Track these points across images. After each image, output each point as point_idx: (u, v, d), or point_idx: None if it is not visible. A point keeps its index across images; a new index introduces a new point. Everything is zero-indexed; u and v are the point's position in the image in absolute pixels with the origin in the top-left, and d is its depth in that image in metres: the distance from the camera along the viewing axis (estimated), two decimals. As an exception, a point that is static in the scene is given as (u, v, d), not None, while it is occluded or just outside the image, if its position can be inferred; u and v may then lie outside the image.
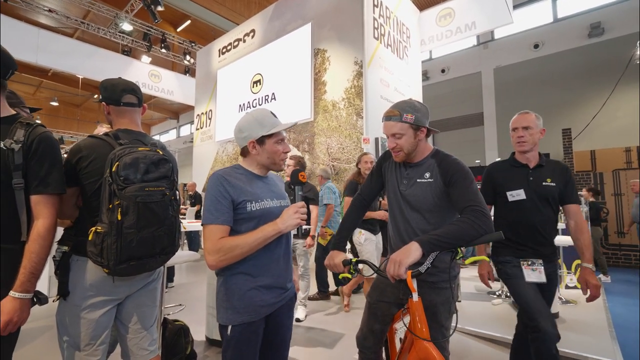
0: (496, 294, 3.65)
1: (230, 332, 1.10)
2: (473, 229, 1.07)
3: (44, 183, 1.06)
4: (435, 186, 1.27)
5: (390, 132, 1.29)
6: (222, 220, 1.08)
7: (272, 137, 1.20)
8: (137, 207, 1.10)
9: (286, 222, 1.12)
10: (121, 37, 10.26)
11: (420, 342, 1.10)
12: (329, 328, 2.94)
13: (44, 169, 1.06)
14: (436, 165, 1.29)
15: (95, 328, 1.18)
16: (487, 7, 6.06)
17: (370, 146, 5.06)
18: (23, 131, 1.04)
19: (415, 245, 1.06)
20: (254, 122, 1.20)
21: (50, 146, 1.09)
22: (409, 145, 1.28)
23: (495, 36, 9.74)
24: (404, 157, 1.32)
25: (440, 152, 1.33)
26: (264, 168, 1.25)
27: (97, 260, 1.09)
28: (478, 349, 2.50)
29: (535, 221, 1.68)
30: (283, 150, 1.22)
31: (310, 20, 6.00)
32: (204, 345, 2.56)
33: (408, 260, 1.04)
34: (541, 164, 1.74)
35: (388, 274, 1.08)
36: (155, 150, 1.23)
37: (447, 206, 1.27)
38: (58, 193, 1.10)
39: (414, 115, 1.26)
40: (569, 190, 1.69)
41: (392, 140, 1.29)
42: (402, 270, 1.04)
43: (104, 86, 1.31)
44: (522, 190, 1.70)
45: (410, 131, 1.27)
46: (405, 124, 1.26)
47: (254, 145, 1.19)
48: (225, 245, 1.05)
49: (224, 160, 7.78)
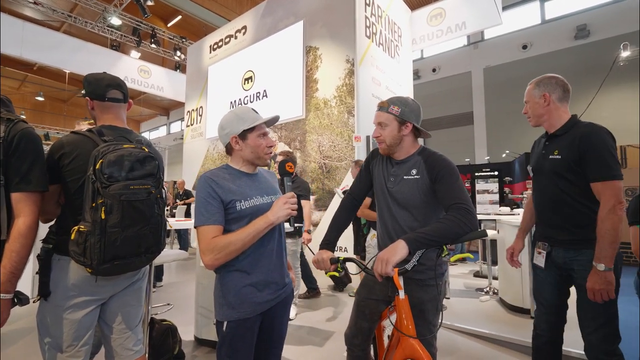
0: (484, 291, 3.71)
1: (226, 328, 1.12)
2: (459, 227, 1.09)
3: (26, 180, 1.03)
4: (422, 183, 1.28)
5: (377, 120, 1.34)
6: (213, 220, 1.09)
7: (253, 131, 1.21)
8: (122, 205, 1.08)
9: (277, 214, 1.12)
10: (110, 32, 10.03)
11: (406, 339, 1.11)
12: (318, 326, 2.95)
13: (25, 166, 1.03)
14: (423, 162, 1.30)
15: (78, 329, 1.15)
16: (477, 8, 6.13)
17: (362, 144, 5.08)
18: (3, 127, 1.01)
19: (402, 243, 1.07)
20: (235, 118, 1.21)
21: (32, 142, 1.06)
22: (391, 138, 1.31)
23: (485, 36, 9.86)
24: (387, 149, 1.34)
25: (427, 150, 1.35)
26: (250, 164, 1.26)
27: (80, 259, 1.06)
28: (466, 345, 2.54)
29: (545, 199, 1.50)
30: (266, 144, 1.23)
31: (302, 18, 5.97)
32: (193, 345, 2.54)
33: (395, 259, 1.05)
34: (556, 133, 1.48)
35: (375, 272, 1.09)
36: (141, 148, 1.20)
37: (433, 203, 1.28)
38: (40, 191, 1.07)
39: (400, 108, 1.29)
40: (590, 163, 1.32)
41: (378, 129, 1.34)
42: (389, 269, 1.05)
43: (88, 80, 1.28)
44: (531, 165, 1.60)
45: (394, 123, 1.30)
46: (391, 115, 1.30)
47: (237, 140, 1.21)
48: (219, 244, 1.06)
49: (214, 158, 7.70)
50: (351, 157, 5.11)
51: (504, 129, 9.05)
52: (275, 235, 1.24)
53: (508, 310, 3.09)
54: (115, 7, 9.15)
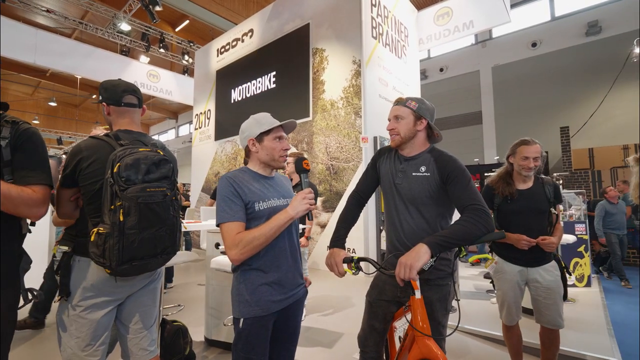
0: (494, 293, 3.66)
1: (242, 325, 1.16)
2: (477, 229, 1.10)
3: (30, 175, 1.04)
4: (432, 180, 1.28)
5: (394, 114, 1.37)
6: (237, 217, 1.15)
7: (269, 134, 1.26)
8: (139, 207, 1.11)
9: (296, 208, 1.17)
10: (119, 37, 10.23)
11: (422, 339, 1.11)
12: (327, 328, 2.95)
13: (31, 163, 1.04)
14: (433, 160, 1.31)
15: (96, 328, 1.18)
16: (485, 6, 6.07)
17: (369, 145, 5.07)
18: (10, 128, 1.04)
19: (425, 247, 1.08)
20: (254, 122, 1.28)
21: (36, 142, 1.07)
22: (406, 130, 1.33)
23: (493, 35, 9.75)
24: (399, 141, 1.35)
25: (437, 149, 1.37)
26: (267, 167, 1.30)
27: (100, 261, 1.09)
28: (477, 348, 2.52)
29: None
30: (282, 147, 1.28)
31: (309, 20, 6.00)
32: (203, 346, 2.56)
33: (419, 264, 1.06)
34: None
35: (398, 277, 1.09)
36: (156, 151, 1.23)
37: (441, 201, 1.29)
38: (48, 185, 1.08)
39: (417, 104, 1.34)
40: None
41: (393, 122, 1.37)
42: (413, 274, 1.05)
43: (104, 87, 1.32)
44: None
45: (411, 117, 1.33)
46: (408, 109, 1.34)
47: (254, 142, 1.27)
48: (244, 239, 1.11)
49: (222, 160, 7.77)
50: (358, 158, 5.11)
51: (514, 128, 8.93)
52: (290, 236, 1.28)
53: (520, 312, 3.05)
54: (124, 13, 9.33)
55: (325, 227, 5.46)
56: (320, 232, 5.51)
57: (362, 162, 5.03)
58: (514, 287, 1.88)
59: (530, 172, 1.84)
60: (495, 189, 1.94)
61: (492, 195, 1.95)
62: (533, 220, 1.85)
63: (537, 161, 1.83)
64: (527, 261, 1.86)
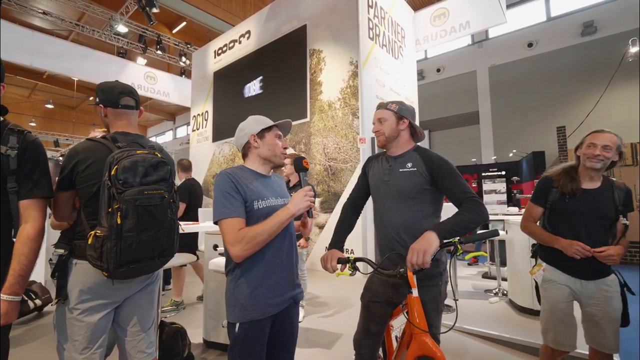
0: (493, 292, 3.68)
1: (238, 330, 1.14)
2: (477, 218, 1.20)
3: (38, 186, 1.08)
4: (419, 175, 1.34)
5: (377, 117, 1.47)
6: (238, 213, 1.12)
7: (271, 131, 1.28)
8: (137, 210, 1.11)
9: (297, 205, 1.16)
10: (116, 39, 10.20)
11: (420, 336, 1.12)
12: (326, 329, 2.95)
13: (37, 174, 1.08)
14: (419, 157, 1.38)
15: (94, 331, 1.18)
16: (481, 7, 6.11)
17: (367, 146, 5.08)
18: (16, 138, 1.05)
19: (433, 234, 1.13)
20: (253, 121, 1.29)
21: (42, 152, 1.12)
22: (390, 130, 1.42)
23: (489, 35, 9.79)
24: (384, 141, 1.45)
25: (421, 147, 1.45)
26: (267, 163, 1.29)
27: (97, 263, 1.09)
28: (475, 348, 2.52)
29: None
30: (282, 146, 1.29)
31: (306, 21, 6.02)
32: (202, 348, 2.56)
33: (432, 249, 1.10)
34: None
35: (409, 263, 1.12)
36: (154, 153, 1.23)
37: (429, 194, 1.35)
38: (49, 197, 1.12)
39: (398, 106, 1.44)
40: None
41: (377, 124, 1.46)
42: (427, 258, 1.09)
43: (102, 89, 1.32)
44: None
45: (393, 118, 1.43)
46: (389, 111, 1.44)
47: (255, 138, 1.26)
48: (247, 234, 1.08)
49: (220, 162, 7.77)
50: (356, 158, 5.12)
51: (511, 128, 8.96)
52: (287, 238, 1.25)
53: (517, 311, 3.06)
54: (121, 15, 9.31)
55: (323, 228, 5.46)
56: (318, 233, 5.51)
57: (360, 163, 5.03)
58: (566, 300, 1.57)
59: (595, 162, 1.51)
60: (555, 182, 1.63)
61: (548, 189, 1.65)
62: (593, 226, 1.53)
63: (608, 152, 1.51)
64: (584, 272, 1.55)
